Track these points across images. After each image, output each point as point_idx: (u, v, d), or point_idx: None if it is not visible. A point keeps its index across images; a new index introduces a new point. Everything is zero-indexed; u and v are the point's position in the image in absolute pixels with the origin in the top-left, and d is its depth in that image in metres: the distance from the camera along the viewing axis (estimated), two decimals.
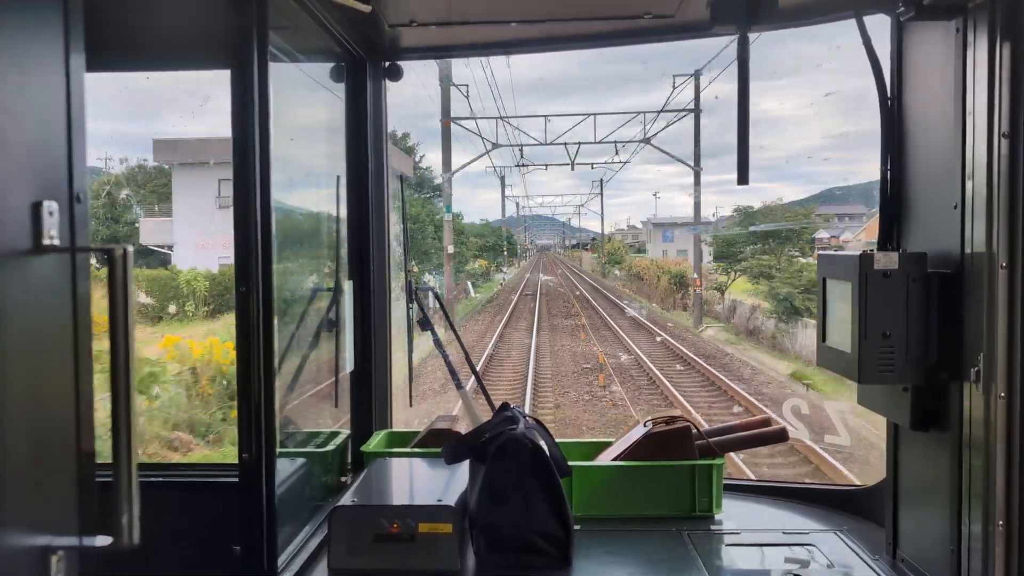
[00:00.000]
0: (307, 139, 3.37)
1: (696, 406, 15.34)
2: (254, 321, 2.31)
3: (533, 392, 17.10)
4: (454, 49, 3.55)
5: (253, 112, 2.30)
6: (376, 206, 3.45)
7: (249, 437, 2.32)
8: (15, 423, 1.18)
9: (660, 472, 2.90)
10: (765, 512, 3.00)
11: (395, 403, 3.68)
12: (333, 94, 3.34)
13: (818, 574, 2.45)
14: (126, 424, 1.34)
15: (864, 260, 2.21)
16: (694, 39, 3.25)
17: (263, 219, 2.33)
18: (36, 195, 1.22)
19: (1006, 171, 1.92)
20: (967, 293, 2.07)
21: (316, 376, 3.24)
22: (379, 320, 3.49)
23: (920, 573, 2.32)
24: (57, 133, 1.30)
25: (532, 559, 2.45)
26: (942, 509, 2.17)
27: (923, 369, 2.20)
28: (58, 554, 1.27)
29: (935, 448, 2.23)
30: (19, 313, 1.19)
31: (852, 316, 2.24)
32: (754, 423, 3.25)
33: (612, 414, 15.31)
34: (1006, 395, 1.95)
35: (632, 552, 2.60)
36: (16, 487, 1.19)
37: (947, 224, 2.13)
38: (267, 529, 2.34)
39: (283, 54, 2.69)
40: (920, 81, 2.34)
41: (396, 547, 2.43)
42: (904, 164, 2.41)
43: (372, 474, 2.87)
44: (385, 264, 3.53)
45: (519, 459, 2.46)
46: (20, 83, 1.20)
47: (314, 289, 3.29)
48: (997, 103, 1.93)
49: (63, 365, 1.32)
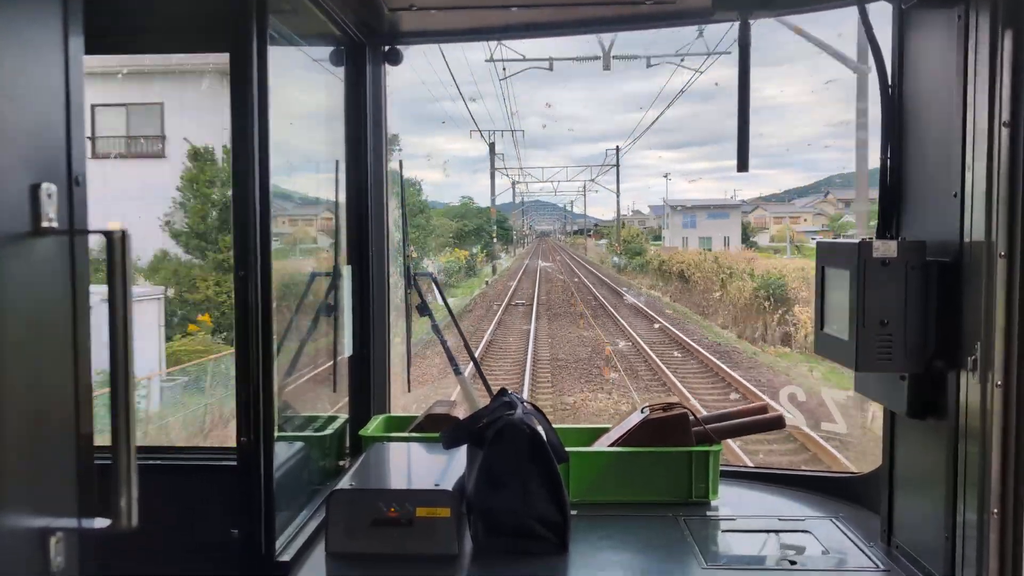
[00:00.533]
0: (306, 124, 3.36)
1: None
2: (253, 306, 2.31)
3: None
4: (454, 33, 3.53)
5: (252, 96, 2.29)
6: (375, 191, 3.45)
7: (248, 421, 2.33)
8: (14, 406, 1.19)
9: (657, 458, 2.91)
10: (761, 498, 3.01)
11: (393, 388, 3.68)
12: (333, 78, 3.33)
13: (813, 560, 2.46)
14: (125, 407, 1.35)
15: (863, 248, 2.21)
16: (695, 25, 3.23)
17: (261, 204, 2.33)
18: (35, 177, 1.22)
19: (1006, 160, 1.92)
20: (965, 282, 2.07)
21: (314, 360, 3.25)
22: (378, 305, 3.49)
23: (915, 560, 2.33)
24: (56, 115, 1.30)
25: (529, 544, 2.46)
26: (937, 496, 2.18)
27: (921, 357, 2.20)
28: (57, 536, 1.28)
29: (931, 436, 2.24)
30: (18, 295, 1.19)
31: (850, 304, 2.24)
32: (751, 410, 3.26)
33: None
34: (1003, 384, 1.95)
35: (628, 537, 2.62)
36: (15, 470, 1.20)
37: (946, 213, 2.13)
38: (265, 512, 2.35)
39: (282, 38, 2.68)
40: (921, 69, 2.33)
41: (394, 531, 2.44)
42: (904, 152, 2.41)
43: (370, 458, 2.88)
44: (384, 249, 3.53)
45: (517, 444, 2.47)
46: (19, 65, 1.20)
47: (313, 274, 3.29)
48: (998, 91, 1.93)
49: (62, 347, 1.32)
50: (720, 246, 67.24)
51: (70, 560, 1.31)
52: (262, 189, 2.33)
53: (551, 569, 2.39)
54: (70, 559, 1.31)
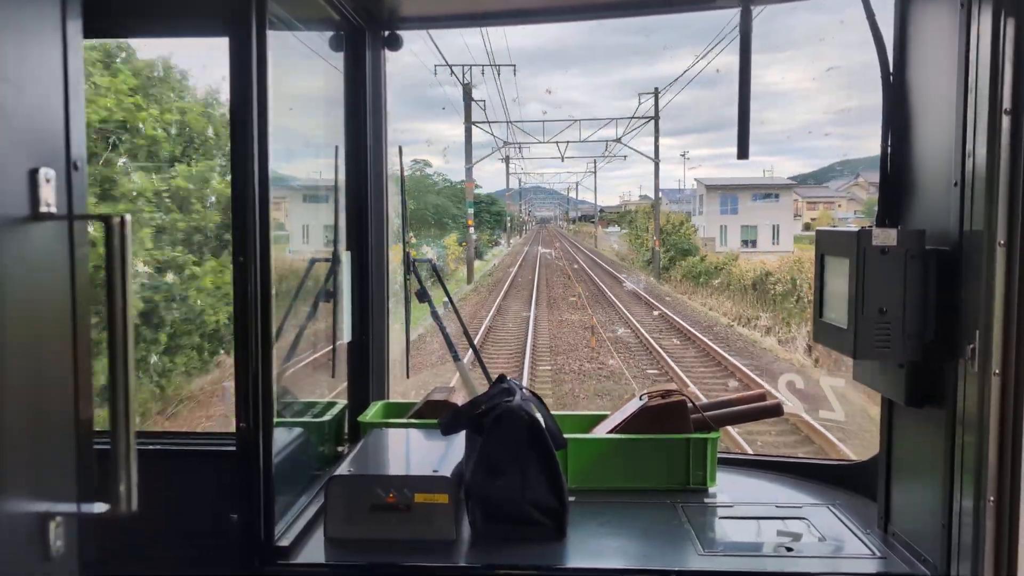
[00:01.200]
0: (306, 109, 3.35)
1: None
2: (252, 291, 2.31)
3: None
4: (454, 19, 3.51)
5: (251, 81, 2.28)
6: (375, 177, 3.44)
7: (247, 407, 2.33)
8: (14, 391, 1.19)
9: (655, 445, 2.92)
10: (759, 486, 3.02)
11: (392, 374, 3.69)
12: (332, 64, 3.31)
13: (810, 547, 2.47)
14: (124, 392, 1.35)
15: (862, 236, 2.21)
16: (696, 11, 3.22)
17: (261, 189, 2.32)
18: (33, 162, 1.22)
19: (1007, 148, 1.92)
20: (965, 271, 2.07)
21: (313, 346, 3.25)
22: (377, 291, 3.49)
23: (911, 547, 2.34)
24: (54, 100, 1.29)
25: (527, 530, 2.47)
26: (934, 484, 2.18)
27: (919, 346, 2.20)
28: (56, 520, 1.28)
29: (929, 424, 2.25)
30: (17, 281, 1.19)
31: (849, 292, 2.24)
32: (750, 398, 3.26)
33: None
34: (1000, 372, 1.96)
35: (626, 524, 2.63)
36: (15, 454, 1.20)
37: (947, 201, 2.13)
38: (264, 498, 2.36)
39: (282, 22, 2.66)
40: (923, 57, 2.32)
41: (392, 517, 2.45)
42: (905, 140, 2.40)
43: (369, 444, 2.89)
44: (383, 235, 3.53)
45: (515, 431, 2.48)
46: (17, 49, 1.19)
47: (312, 260, 3.28)
48: (1000, 79, 1.92)
49: (61, 332, 1.32)
50: (767, 241, 57.00)
51: (69, 544, 1.32)
52: (261, 175, 2.32)
53: (549, 555, 2.40)
54: (69, 543, 1.32)
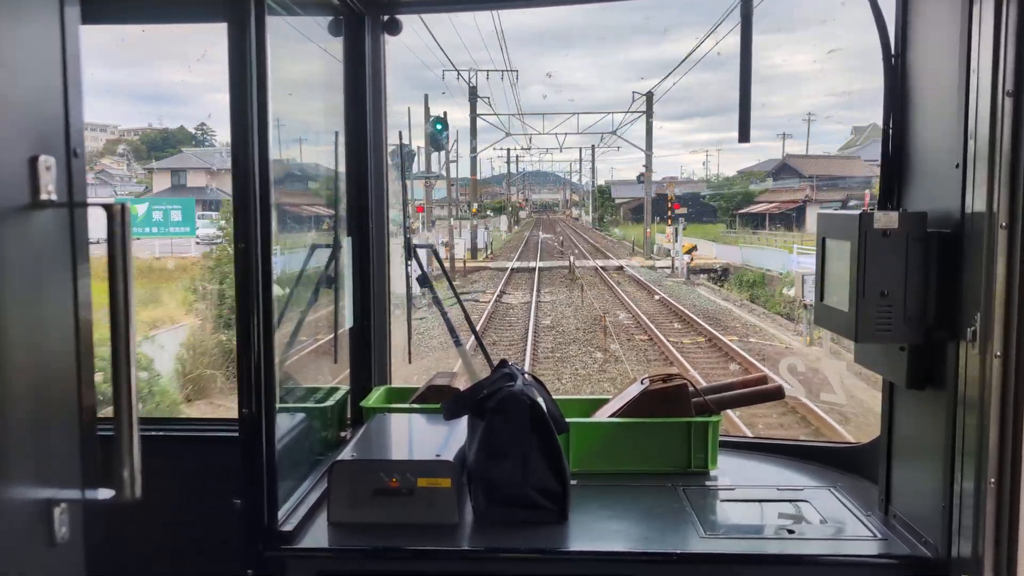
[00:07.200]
0: (305, 95, 3.33)
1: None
2: (254, 277, 2.31)
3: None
4: (454, 2, 3.49)
5: (251, 67, 2.27)
6: (375, 163, 3.43)
7: (249, 393, 2.34)
8: (17, 378, 1.19)
9: (657, 428, 2.93)
10: (760, 468, 3.03)
11: (394, 360, 3.69)
12: (331, 49, 3.30)
13: (811, 529, 2.49)
14: (127, 379, 1.35)
15: (864, 219, 2.20)
16: None
17: (261, 175, 2.32)
18: (33, 149, 1.22)
19: (1009, 130, 1.91)
20: (966, 253, 2.07)
21: (315, 332, 3.25)
22: (378, 277, 3.49)
23: (912, 529, 2.35)
24: (53, 87, 1.29)
25: (529, 514, 2.49)
26: (935, 466, 2.19)
27: (920, 328, 2.20)
28: (61, 506, 1.29)
29: (930, 406, 2.25)
30: (18, 268, 1.19)
31: (850, 275, 2.24)
32: (751, 381, 3.27)
33: None
34: (1001, 354, 1.96)
35: (628, 507, 2.64)
36: (19, 441, 1.20)
37: (948, 183, 2.12)
38: (268, 483, 2.37)
39: (280, 7, 2.65)
40: (925, 38, 2.31)
41: (395, 501, 2.46)
42: (906, 122, 2.39)
43: (371, 429, 2.90)
44: (384, 221, 3.52)
45: (517, 415, 2.48)
46: (15, 36, 1.19)
47: (313, 245, 3.28)
48: (1002, 61, 1.91)
49: (63, 319, 1.32)
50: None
51: (74, 530, 1.33)
52: (262, 161, 2.32)
53: (551, 538, 2.42)
54: (74, 529, 1.33)
